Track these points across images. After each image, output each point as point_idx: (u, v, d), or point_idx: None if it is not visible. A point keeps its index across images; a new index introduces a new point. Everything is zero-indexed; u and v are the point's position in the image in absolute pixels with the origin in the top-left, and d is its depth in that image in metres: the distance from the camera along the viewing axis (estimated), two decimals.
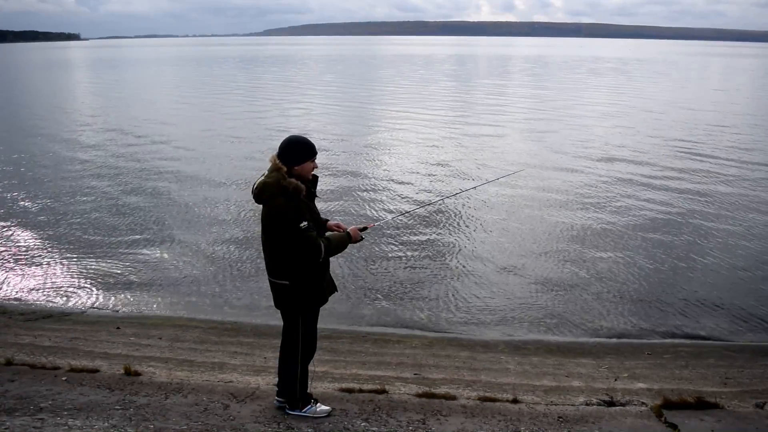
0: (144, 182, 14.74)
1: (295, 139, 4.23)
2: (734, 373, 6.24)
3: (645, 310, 8.03)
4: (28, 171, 16.07)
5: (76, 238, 10.78)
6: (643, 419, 4.72)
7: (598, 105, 30.51)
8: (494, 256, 9.86)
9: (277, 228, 4.10)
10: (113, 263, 9.60)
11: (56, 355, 6.08)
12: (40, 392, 4.86)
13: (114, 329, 7.28)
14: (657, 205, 12.68)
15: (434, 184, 14.42)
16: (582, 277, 9.04)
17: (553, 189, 13.90)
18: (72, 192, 13.92)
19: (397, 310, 8.03)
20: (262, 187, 4.12)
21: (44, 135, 21.92)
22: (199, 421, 4.41)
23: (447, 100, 32.90)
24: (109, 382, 5.14)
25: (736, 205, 12.62)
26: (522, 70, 62.88)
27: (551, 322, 7.74)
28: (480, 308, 8.08)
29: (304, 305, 4.31)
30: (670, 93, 38.18)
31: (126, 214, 12.19)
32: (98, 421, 4.34)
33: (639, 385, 5.76)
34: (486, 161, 16.92)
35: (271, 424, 4.40)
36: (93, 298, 8.46)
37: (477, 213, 12.09)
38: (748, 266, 9.42)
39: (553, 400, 5.19)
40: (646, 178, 15.01)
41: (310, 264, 4.17)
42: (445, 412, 4.71)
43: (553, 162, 16.80)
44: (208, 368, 5.86)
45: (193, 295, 8.55)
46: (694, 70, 67.48)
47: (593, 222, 11.54)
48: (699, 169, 15.99)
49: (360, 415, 4.58)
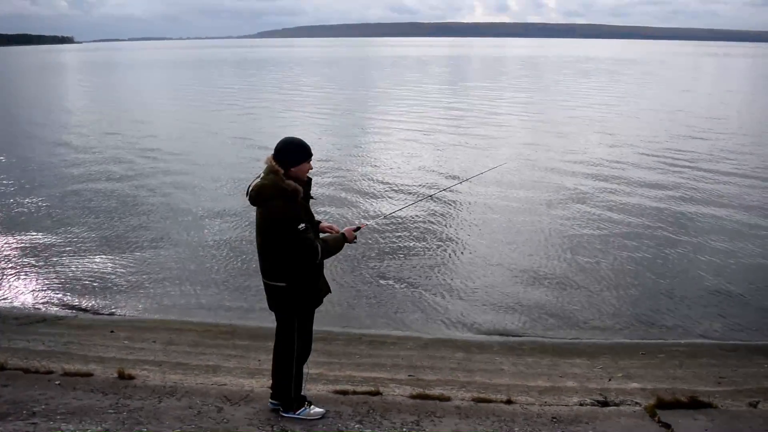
0: (137, 186, 14.70)
1: (291, 140, 4.20)
2: (728, 372, 6.25)
3: (639, 310, 8.04)
4: (21, 175, 15.98)
5: (70, 241, 10.74)
6: (636, 419, 4.73)
7: (586, 104, 30.62)
8: (488, 257, 9.87)
9: (276, 230, 4.07)
10: (107, 267, 9.56)
11: (50, 359, 6.05)
12: (33, 397, 4.84)
13: (108, 333, 7.25)
14: (651, 205, 12.72)
15: (424, 181, 14.44)
16: (576, 277, 9.06)
17: (549, 189, 13.94)
18: (64, 196, 13.87)
19: (392, 312, 8.03)
20: (260, 189, 4.08)
21: (36, 138, 21.85)
22: (192, 425, 4.40)
23: (438, 102, 32.92)
24: (103, 385, 5.12)
25: (730, 206, 12.67)
26: (510, 72, 62.95)
27: (546, 322, 7.75)
28: (475, 309, 8.09)
29: (299, 307, 4.31)
30: (665, 93, 38.36)
31: (119, 217, 12.14)
32: (91, 425, 4.33)
33: (633, 385, 5.77)
34: (473, 159, 16.98)
35: (265, 427, 4.39)
36: (87, 301, 8.42)
37: (470, 214, 12.10)
38: (742, 266, 9.46)
39: (547, 400, 5.20)
40: (642, 178, 15.07)
41: (306, 266, 4.17)
42: (440, 413, 4.71)
43: (546, 161, 16.84)
44: (202, 371, 5.85)
45: (188, 298, 8.53)
46: (685, 70, 67.75)
47: (587, 222, 11.57)
48: (695, 168, 16.06)
49: (354, 417, 4.58)
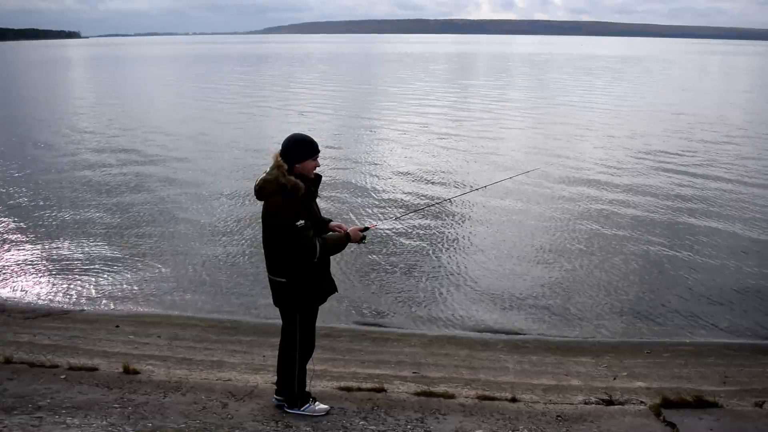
0: (142, 180, 14.73)
1: (297, 137, 4.21)
2: (733, 372, 6.22)
3: (644, 309, 8.01)
4: (26, 170, 16.05)
5: (75, 236, 10.77)
6: (641, 418, 4.71)
7: (592, 103, 30.51)
8: (493, 256, 9.85)
9: (274, 226, 4.10)
10: (112, 261, 9.59)
11: (55, 353, 6.08)
12: (38, 391, 4.86)
13: (113, 328, 7.28)
14: (656, 204, 12.66)
15: (436, 186, 14.42)
16: (581, 275, 9.03)
17: (553, 189, 13.89)
18: (70, 191, 13.90)
19: (397, 309, 8.03)
20: (263, 184, 4.13)
21: (44, 134, 21.91)
22: (197, 420, 4.41)
23: (445, 101, 32.84)
24: (108, 380, 5.14)
25: (735, 205, 12.59)
26: (514, 70, 62.73)
27: (550, 320, 7.73)
28: (479, 307, 8.07)
29: (300, 303, 4.30)
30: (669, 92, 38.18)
31: (124, 213, 12.17)
32: (96, 419, 4.34)
33: (638, 384, 5.76)
34: (484, 165, 16.92)
35: (270, 423, 4.39)
36: (92, 296, 8.45)
37: (476, 214, 12.06)
38: (747, 265, 9.40)
39: (551, 398, 5.19)
40: (648, 178, 15.01)
41: (304, 263, 4.16)
42: (444, 410, 4.71)
43: (556, 163, 16.77)
44: (206, 367, 5.86)
45: (193, 293, 8.54)
46: (691, 69, 67.37)
47: (593, 221, 11.52)
48: (702, 169, 15.98)
49: (358, 414, 4.58)
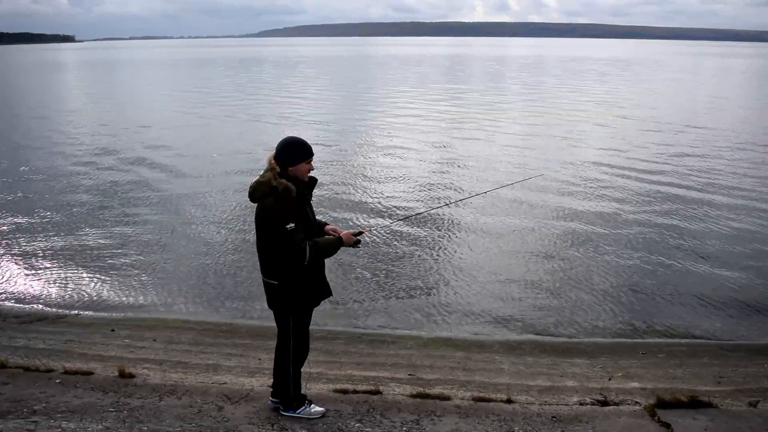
0: (138, 185, 14.70)
1: (291, 139, 4.24)
2: (728, 372, 6.25)
3: (640, 310, 8.04)
4: (21, 173, 16.01)
5: (71, 240, 10.75)
6: (636, 418, 4.73)
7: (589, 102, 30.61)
8: (489, 258, 9.87)
9: (265, 228, 4.13)
10: (108, 265, 9.57)
11: (50, 357, 6.06)
12: (33, 395, 4.85)
13: (108, 331, 7.26)
14: (651, 206, 12.71)
15: (431, 191, 14.45)
16: (576, 276, 9.05)
17: (547, 192, 13.92)
18: (65, 195, 13.88)
19: (392, 311, 8.03)
20: (256, 186, 4.17)
21: (40, 138, 21.85)
22: (193, 423, 4.41)
23: (440, 101, 32.90)
24: (103, 384, 5.13)
25: (730, 207, 12.65)
26: (508, 73, 62.89)
27: (546, 322, 7.75)
28: (475, 309, 8.08)
29: (293, 306, 4.31)
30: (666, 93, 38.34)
31: (120, 216, 12.15)
32: (92, 423, 4.34)
33: (633, 385, 5.78)
34: (478, 171, 16.94)
35: (265, 426, 4.40)
36: (87, 300, 8.43)
37: (471, 217, 12.06)
38: (742, 266, 9.44)
39: (547, 399, 5.20)
40: (644, 178, 15.06)
41: (294, 266, 4.16)
42: (439, 412, 4.71)
43: (552, 168, 16.81)
44: (202, 370, 5.86)
45: (188, 296, 8.54)
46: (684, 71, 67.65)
47: (587, 222, 11.56)
48: (694, 168, 16.05)
49: (354, 416, 4.59)
